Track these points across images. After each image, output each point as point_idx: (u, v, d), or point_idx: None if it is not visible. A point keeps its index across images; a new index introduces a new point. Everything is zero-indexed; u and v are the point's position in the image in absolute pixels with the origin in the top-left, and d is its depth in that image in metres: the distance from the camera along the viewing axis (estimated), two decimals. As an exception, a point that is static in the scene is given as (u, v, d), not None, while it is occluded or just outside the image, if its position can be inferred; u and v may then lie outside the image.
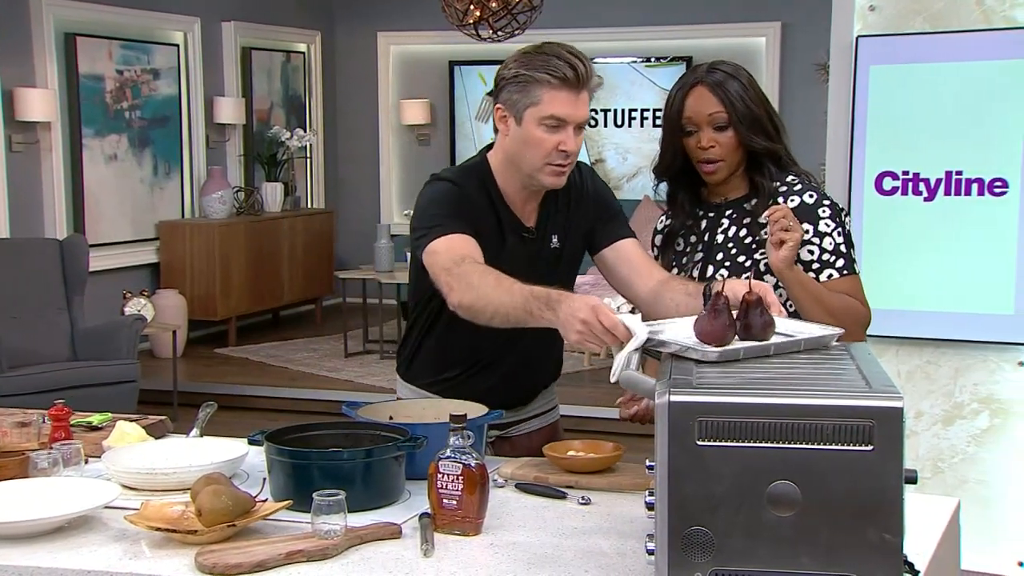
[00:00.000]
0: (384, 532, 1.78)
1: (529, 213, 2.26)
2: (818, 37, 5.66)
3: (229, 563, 1.64)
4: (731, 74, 2.20)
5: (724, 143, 2.18)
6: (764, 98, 2.22)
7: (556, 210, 2.28)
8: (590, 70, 2.13)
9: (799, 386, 1.52)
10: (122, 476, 2.02)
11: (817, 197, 2.20)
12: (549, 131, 2.12)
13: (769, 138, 2.20)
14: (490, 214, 2.21)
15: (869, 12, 3.39)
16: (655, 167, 2.31)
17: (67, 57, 6.83)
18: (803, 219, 2.16)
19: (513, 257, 2.19)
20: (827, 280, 2.16)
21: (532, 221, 2.26)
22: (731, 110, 2.17)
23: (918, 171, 3.35)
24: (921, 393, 3.39)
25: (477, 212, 2.20)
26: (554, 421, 2.46)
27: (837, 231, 2.18)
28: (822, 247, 2.17)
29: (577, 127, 2.14)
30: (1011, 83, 3.22)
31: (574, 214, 2.29)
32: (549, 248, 2.27)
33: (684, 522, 1.45)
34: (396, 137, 9.44)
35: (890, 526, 1.42)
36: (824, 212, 2.18)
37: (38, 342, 5.61)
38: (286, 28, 8.83)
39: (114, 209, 7.26)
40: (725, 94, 2.17)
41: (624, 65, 8.90)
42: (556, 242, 2.28)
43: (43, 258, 5.86)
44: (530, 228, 2.26)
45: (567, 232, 2.29)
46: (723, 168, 2.21)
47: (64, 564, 1.69)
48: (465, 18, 6.79)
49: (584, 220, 2.30)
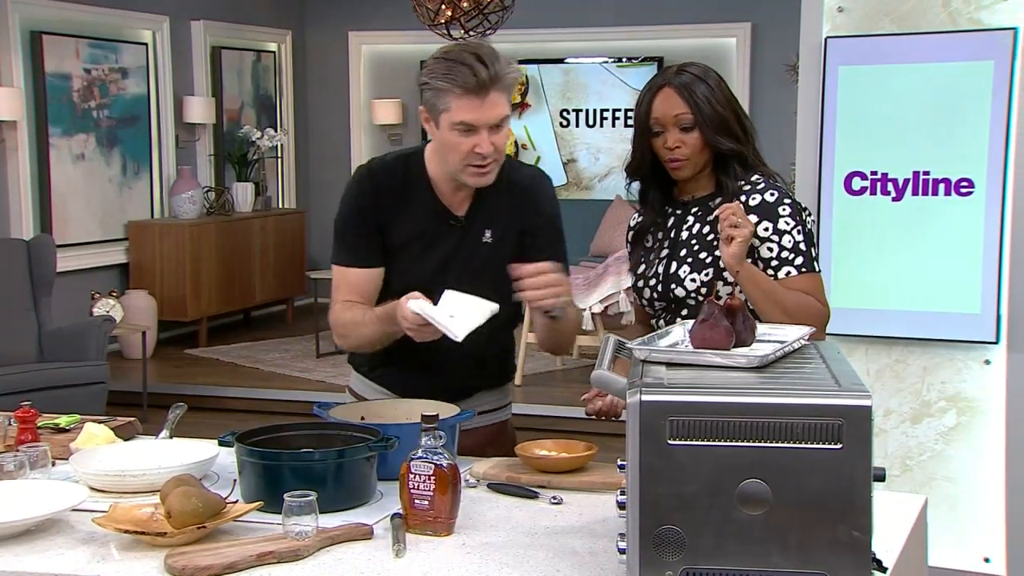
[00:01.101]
0: (356, 533, 1.77)
1: (460, 202, 2.29)
2: (788, 38, 5.70)
3: (199, 565, 1.63)
4: (699, 76, 2.23)
5: (690, 143, 2.22)
6: (732, 100, 2.25)
7: (491, 204, 2.29)
8: (495, 72, 2.13)
9: (769, 385, 1.53)
10: (90, 478, 2.00)
11: (778, 195, 2.22)
12: (463, 135, 2.16)
13: (735, 139, 2.23)
14: (414, 200, 2.27)
15: (837, 13, 3.42)
16: (626, 166, 2.34)
17: (33, 56, 6.76)
18: (763, 217, 2.19)
19: (441, 243, 2.27)
20: (785, 278, 2.19)
21: (462, 210, 2.29)
22: (696, 112, 2.20)
23: (886, 171, 3.38)
24: (890, 391, 3.42)
25: (392, 201, 2.27)
26: (500, 422, 2.45)
27: (797, 229, 2.20)
28: (781, 244, 2.20)
29: (492, 128, 2.16)
30: (977, 84, 3.26)
31: (512, 213, 2.30)
32: (481, 241, 2.28)
33: (655, 521, 1.45)
34: (368, 136, 9.41)
35: (859, 523, 1.43)
36: (784, 210, 2.21)
37: (5, 343, 5.54)
38: (256, 27, 8.79)
39: (82, 209, 7.20)
40: (691, 96, 2.20)
41: (596, 65, 8.92)
42: (489, 237, 2.29)
43: (9, 258, 5.79)
44: (459, 217, 2.29)
45: (504, 229, 2.30)
46: (688, 166, 2.25)
47: (30, 568, 1.67)
48: (436, 18, 6.78)
49: (524, 222, 2.32)
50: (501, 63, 2.15)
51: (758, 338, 1.75)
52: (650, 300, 2.31)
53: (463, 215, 2.29)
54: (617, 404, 2.24)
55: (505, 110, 2.17)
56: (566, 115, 9.10)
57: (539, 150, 9.19)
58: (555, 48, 9.01)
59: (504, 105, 2.17)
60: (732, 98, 2.25)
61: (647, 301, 2.32)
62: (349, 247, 2.31)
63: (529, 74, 9.12)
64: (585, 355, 6.90)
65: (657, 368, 1.61)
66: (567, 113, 9.09)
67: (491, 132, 2.16)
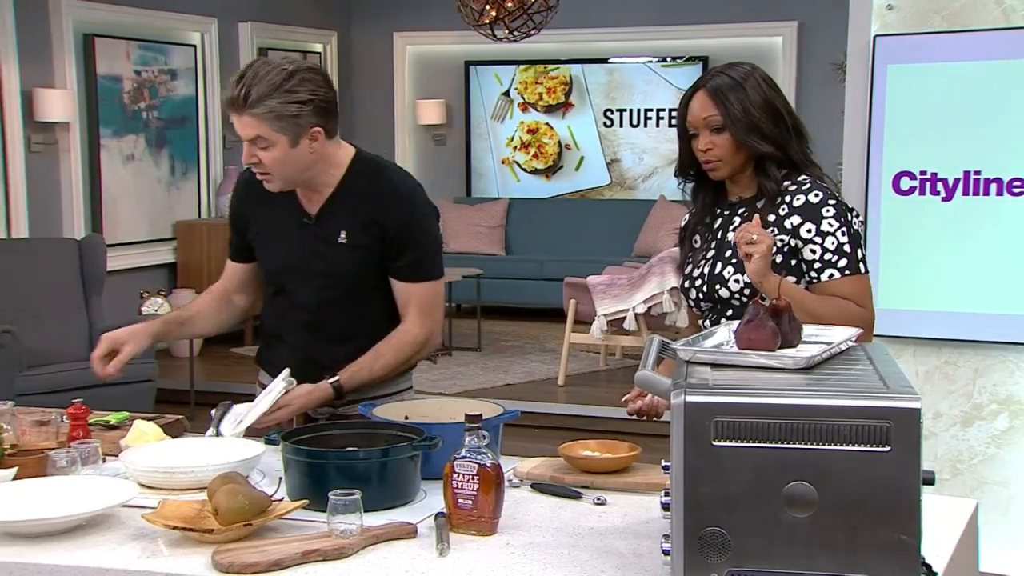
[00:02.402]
0: (400, 532, 1.78)
1: (314, 203, 2.42)
2: (835, 37, 5.64)
3: (246, 562, 1.65)
4: (736, 79, 2.22)
5: (721, 144, 2.22)
6: (774, 101, 2.22)
7: (344, 207, 2.40)
8: (248, 97, 2.23)
9: (815, 387, 1.52)
10: (140, 475, 2.03)
11: (823, 196, 2.20)
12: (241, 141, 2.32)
13: (771, 141, 2.21)
14: (277, 201, 2.42)
15: (887, 11, 3.38)
16: (675, 168, 2.37)
17: (86, 58, 6.87)
18: (806, 218, 2.18)
19: (296, 240, 2.43)
20: (828, 280, 2.16)
21: (314, 210, 2.42)
22: (724, 113, 2.20)
23: (936, 171, 3.33)
24: (940, 394, 3.37)
25: (258, 204, 2.46)
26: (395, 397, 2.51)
27: (841, 231, 2.18)
28: (824, 246, 2.17)
29: (251, 142, 2.29)
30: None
31: (370, 219, 2.37)
32: (336, 241, 2.39)
33: (700, 522, 1.44)
34: (412, 137, 9.46)
35: (907, 527, 1.41)
36: (828, 211, 2.18)
37: (57, 341, 5.64)
38: (302, 28, 8.86)
39: (131, 209, 7.30)
40: (721, 98, 2.20)
41: (640, 65, 8.89)
42: (344, 238, 2.39)
43: (61, 258, 5.89)
44: (310, 215, 2.42)
45: (360, 233, 2.38)
46: (722, 167, 2.24)
47: (83, 562, 1.70)
48: (481, 18, 6.79)
49: (384, 230, 2.37)
50: (262, 89, 2.22)
51: (804, 339, 1.73)
52: (696, 301, 2.31)
53: (314, 214, 2.41)
54: (658, 404, 2.23)
55: (255, 132, 2.26)
56: (610, 115, 9.08)
57: (583, 150, 9.18)
58: (599, 48, 9.00)
59: (255, 128, 2.25)
60: (773, 99, 2.22)
61: (693, 302, 2.32)
62: (229, 239, 2.59)
63: (573, 74, 9.11)
64: (628, 355, 6.88)
65: (702, 369, 1.60)
66: (611, 113, 9.07)
67: (252, 146, 2.29)
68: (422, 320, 2.41)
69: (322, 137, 2.30)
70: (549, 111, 9.16)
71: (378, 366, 2.39)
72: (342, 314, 2.42)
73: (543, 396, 6.20)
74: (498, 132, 9.35)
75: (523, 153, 9.30)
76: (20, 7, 6.26)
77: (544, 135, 9.20)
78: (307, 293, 2.43)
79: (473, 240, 8.93)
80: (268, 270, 2.52)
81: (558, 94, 9.14)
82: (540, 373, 6.85)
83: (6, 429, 2.14)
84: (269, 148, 2.28)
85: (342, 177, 2.39)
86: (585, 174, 9.21)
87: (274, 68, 2.26)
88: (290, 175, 2.34)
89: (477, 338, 7.68)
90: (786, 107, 2.25)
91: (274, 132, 2.26)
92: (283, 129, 2.25)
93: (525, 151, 9.30)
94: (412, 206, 2.41)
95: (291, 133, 2.26)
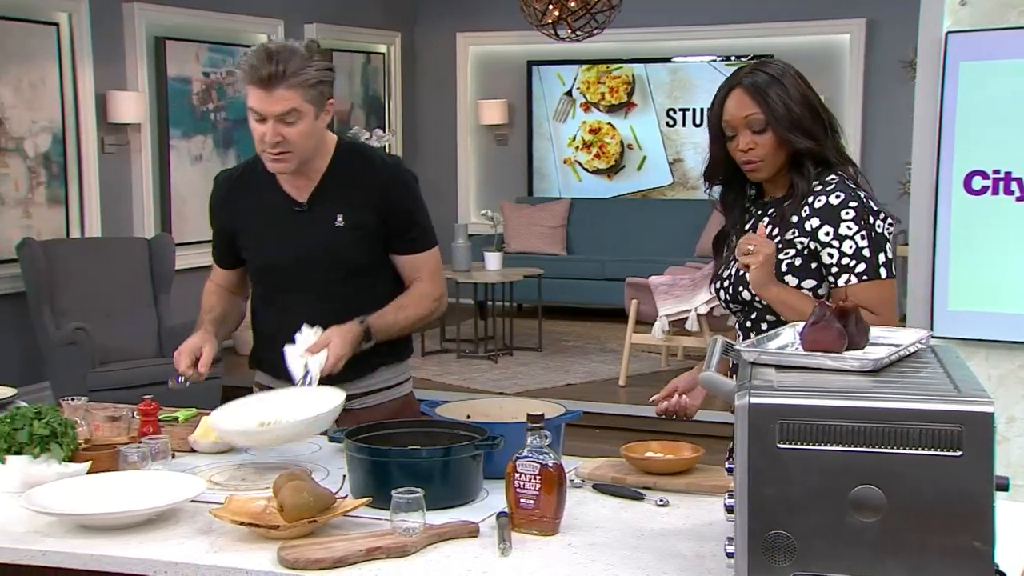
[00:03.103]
0: (462, 531, 1.79)
1: (301, 189, 2.43)
2: (904, 34, 5.54)
3: (310, 558, 1.67)
4: (772, 75, 2.15)
5: (763, 144, 2.15)
6: (809, 97, 2.16)
7: (337, 191, 2.42)
8: (283, 70, 2.26)
9: (883, 390, 1.49)
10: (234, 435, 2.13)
11: (844, 198, 2.11)
12: (256, 122, 2.33)
13: (811, 137, 2.15)
14: (260, 196, 2.45)
15: (960, 7, 3.31)
16: (704, 171, 2.29)
17: (157, 60, 7.00)
18: (824, 220, 2.11)
19: (290, 229, 2.43)
20: (844, 285, 2.09)
21: (304, 197, 2.43)
22: (768, 111, 2.13)
23: (1010, 170, 3.26)
24: (1014, 398, 3.29)
25: (239, 204, 2.49)
26: (401, 396, 2.54)
27: (861, 234, 2.09)
28: (841, 250, 2.10)
29: (278, 119, 2.29)
30: (1109, 78, 3.12)
31: (365, 201, 2.40)
32: (334, 226, 2.40)
33: (764, 525, 1.43)
34: (474, 137, 9.49)
35: (980, 534, 1.38)
36: (847, 214, 2.10)
37: (127, 339, 5.77)
38: (367, 29, 8.94)
39: (199, 209, 7.36)
40: (762, 95, 2.13)
41: (704, 64, 8.82)
42: (341, 221, 2.41)
43: (132, 257, 6.02)
44: (301, 203, 2.43)
45: (357, 216, 2.40)
46: (764, 168, 2.18)
47: (153, 555, 1.73)
48: (544, 18, 6.79)
49: (380, 212, 2.40)
50: (296, 62, 2.27)
51: (872, 341, 1.70)
52: (725, 302, 2.26)
53: (305, 201, 2.42)
54: (687, 405, 2.22)
55: (290, 105, 2.28)
56: (672, 114, 9.02)
57: (645, 150, 9.13)
58: (662, 47, 8.94)
59: (290, 101, 2.28)
60: (809, 94, 2.16)
61: (723, 303, 2.27)
62: (214, 247, 2.61)
63: (635, 73, 9.07)
64: (690, 356, 6.83)
65: (766, 370, 1.58)
66: (673, 112, 9.01)
67: (279, 123, 2.29)
68: (434, 281, 2.48)
69: (330, 112, 2.37)
70: (611, 111, 9.13)
71: (401, 316, 2.42)
72: (343, 301, 2.40)
73: (604, 396, 6.18)
74: (560, 132, 9.34)
75: (585, 153, 9.28)
76: (95, 12, 6.41)
77: (606, 135, 9.17)
78: (306, 284, 2.42)
79: (534, 240, 8.93)
80: (262, 266, 2.50)
81: (620, 94, 9.10)
82: (601, 373, 6.83)
83: (80, 424, 2.19)
84: (297, 122, 2.30)
85: (330, 161, 2.43)
86: (647, 174, 9.16)
87: (291, 44, 2.32)
88: (307, 151, 2.37)
89: (538, 338, 7.68)
90: (820, 103, 2.19)
91: (306, 103, 2.30)
92: (313, 99, 2.31)
93: (587, 151, 9.28)
94: (405, 181, 2.47)
95: (318, 104, 2.33)
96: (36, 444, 2.03)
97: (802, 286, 2.13)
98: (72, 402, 2.36)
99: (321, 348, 2.30)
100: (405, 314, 2.43)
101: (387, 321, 2.40)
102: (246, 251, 2.52)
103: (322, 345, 2.30)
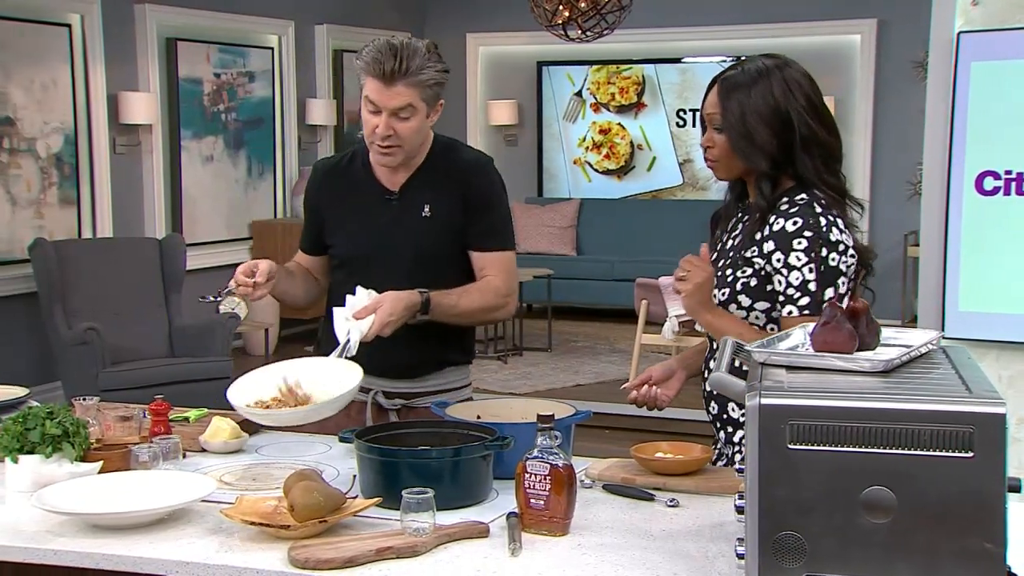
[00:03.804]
0: (472, 531, 1.79)
1: (396, 181, 2.48)
2: (915, 34, 5.53)
3: (321, 558, 1.67)
4: (750, 75, 2.08)
5: (719, 144, 2.11)
6: (782, 110, 2.04)
7: (428, 182, 2.46)
8: (407, 67, 2.31)
9: (895, 390, 1.48)
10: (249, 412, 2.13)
11: (801, 225, 2.02)
12: (370, 113, 2.37)
13: (763, 153, 2.05)
14: (356, 183, 2.51)
15: (971, 7, 3.30)
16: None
17: (168, 61, 7.02)
18: (777, 246, 2.04)
19: (379, 216, 2.47)
20: (787, 316, 2.03)
21: (397, 187, 2.48)
22: (724, 114, 2.09)
23: (1022, 171, 3.25)
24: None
25: (334, 191, 2.53)
26: (463, 400, 2.50)
27: (809, 267, 2.01)
28: (788, 280, 2.03)
29: (392, 113, 2.34)
30: (1121, 78, 3.10)
31: (453, 193, 2.44)
32: (420, 215, 2.44)
33: (775, 526, 1.43)
34: (484, 137, 9.49)
35: (992, 535, 1.38)
36: (799, 243, 2.01)
37: (138, 339, 5.78)
38: (377, 30, 8.91)
39: (210, 209, 7.45)
40: (725, 96, 2.09)
41: (714, 64, 8.79)
42: (428, 211, 2.45)
43: (143, 257, 6.04)
44: (393, 192, 2.47)
45: (443, 206, 2.44)
46: (720, 168, 2.14)
47: (164, 555, 1.74)
48: (554, 18, 6.79)
49: (465, 202, 2.44)
50: (418, 60, 2.32)
51: (882, 342, 1.70)
52: None
53: (397, 191, 2.46)
54: (658, 395, 2.22)
55: (407, 100, 2.32)
56: (682, 115, 9.01)
57: (655, 150, 9.12)
58: (672, 47, 8.93)
59: (408, 97, 2.32)
60: (783, 107, 2.04)
61: None
62: (303, 233, 2.63)
63: (645, 74, 9.06)
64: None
65: (777, 371, 1.57)
66: (683, 113, 9.00)
67: (392, 118, 2.33)
68: (505, 279, 2.46)
69: (439, 112, 2.41)
70: (621, 111, 9.12)
71: (465, 300, 2.40)
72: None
73: (614, 397, 6.13)
74: (570, 132, 9.34)
75: (595, 153, 9.28)
76: (106, 13, 6.43)
77: (616, 135, 9.17)
78: (387, 273, 2.40)
79: (544, 240, 8.93)
80: (347, 253, 2.51)
81: (630, 94, 9.10)
82: (611, 374, 6.82)
83: (91, 424, 2.20)
84: (411, 118, 2.35)
85: (427, 155, 2.47)
86: (657, 174, 9.15)
87: (415, 43, 2.35)
88: (414, 147, 2.42)
89: (548, 338, 7.67)
90: (803, 117, 2.04)
91: (421, 100, 2.35)
92: (428, 98, 2.36)
93: (597, 151, 9.27)
94: (490, 175, 2.51)
95: (431, 103, 2.38)
96: (48, 444, 2.03)
97: (755, 307, 2.08)
98: (84, 402, 2.36)
99: (368, 313, 2.26)
100: (469, 298, 2.41)
101: (449, 300, 2.37)
102: (332, 237, 2.53)
103: (370, 310, 2.27)
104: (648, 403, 2.23)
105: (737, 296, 2.10)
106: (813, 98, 2.09)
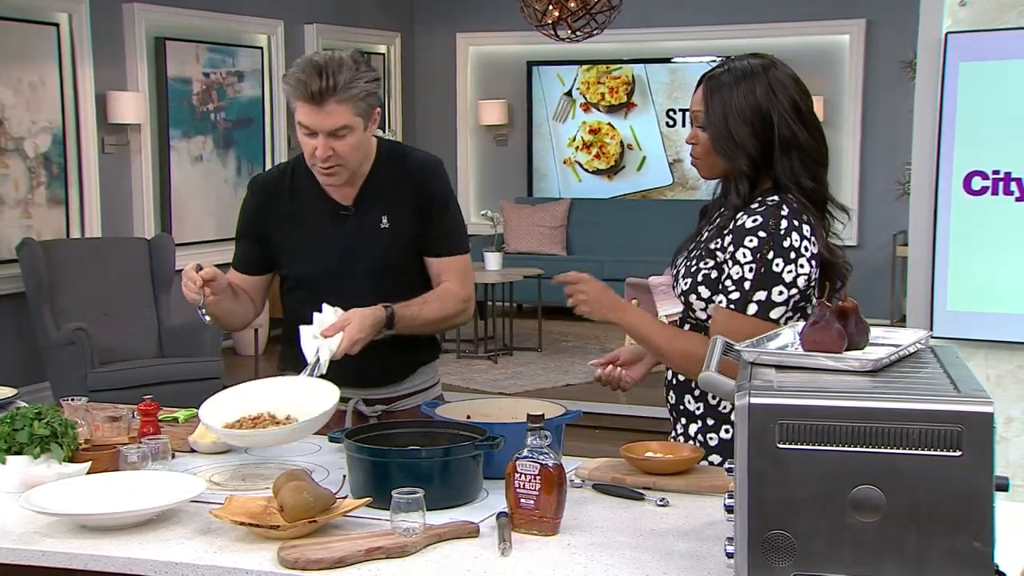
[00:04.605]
0: (462, 531, 1.79)
1: (346, 194, 2.42)
2: (904, 34, 5.55)
3: (311, 558, 1.67)
4: (735, 75, 2.08)
5: (701, 142, 2.12)
6: (764, 111, 2.04)
7: (381, 191, 2.42)
8: (334, 83, 2.24)
9: (883, 390, 1.49)
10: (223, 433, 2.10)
11: (758, 224, 2.02)
12: (306, 136, 2.31)
13: (744, 153, 2.06)
14: (302, 201, 2.43)
15: (959, 8, 3.31)
16: None
17: (157, 60, 7.00)
18: (733, 240, 2.05)
19: (336, 233, 2.41)
20: (715, 306, 2.06)
21: (350, 200, 2.43)
22: (707, 112, 2.09)
23: (1009, 171, 3.26)
24: (1012, 398, 3.30)
25: (278, 209, 2.44)
26: (435, 398, 2.52)
27: (750, 266, 2.01)
28: (729, 273, 2.05)
29: (329, 135, 2.27)
30: (1108, 79, 3.12)
31: (405, 198, 2.42)
32: (379, 227, 2.41)
33: (764, 526, 1.43)
34: (474, 137, 9.49)
35: (980, 534, 1.38)
36: (750, 241, 2.02)
37: (127, 339, 5.77)
38: (366, 30, 8.94)
39: (199, 209, 7.43)
40: (709, 95, 2.10)
41: (703, 64, 8.80)
42: (386, 222, 2.41)
43: (132, 257, 6.02)
44: (347, 207, 2.42)
45: (399, 214, 2.42)
46: (702, 166, 2.14)
47: (153, 556, 1.73)
48: (544, 18, 6.80)
49: (418, 206, 2.41)
50: (345, 74, 2.25)
51: (872, 341, 1.70)
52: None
53: (351, 204, 2.42)
54: (622, 376, 2.25)
55: (341, 121, 2.27)
56: (672, 115, 9.02)
57: (645, 150, 9.13)
58: (662, 47, 8.94)
59: (342, 116, 2.26)
60: (764, 108, 2.04)
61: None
62: (237, 252, 2.55)
63: (635, 74, 9.07)
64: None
65: (766, 371, 1.58)
66: (673, 113, 9.01)
67: (330, 138, 2.27)
68: (462, 283, 2.46)
69: (376, 121, 2.36)
70: (611, 111, 9.13)
71: (427, 310, 2.39)
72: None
73: (604, 397, 6.14)
74: (560, 132, 9.34)
75: (585, 153, 9.28)
76: (95, 12, 6.41)
77: (606, 135, 9.18)
78: (348, 288, 2.37)
79: (534, 240, 8.93)
80: (304, 273, 2.44)
81: (620, 94, 9.11)
82: (601, 374, 6.82)
83: (80, 424, 2.19)
84: (348, 135, 2.29)
85: (373, 163, 2.42)
86: (647, 174, 9.16)
87: (337, 56, 2.29)
88: (357, 163, 2.36)
89: (538, 338, 7.68)
90: (785, 119, 2.04)
91: (356, 116, 2.29)
92: (362, 112, 2.30)
93: (587, 151, 9.28)
94: (441, 177, 2.47)
95: (366, 116, 2.32)
96: (36, 444, 2.03)
97: (713, 299, 2.09)
98: (72, 402, 2.36)
99: (337, 331, 2.25)
100: (430, 307, 2.40)
101: (411, 312, 2.37)
102: (286, 257, 2.46)
103: (338, 328, 2.26)
104: (612, 383, 2.27)
105: (697, 287, 2.12)
106: (798, 101, 2.08)
